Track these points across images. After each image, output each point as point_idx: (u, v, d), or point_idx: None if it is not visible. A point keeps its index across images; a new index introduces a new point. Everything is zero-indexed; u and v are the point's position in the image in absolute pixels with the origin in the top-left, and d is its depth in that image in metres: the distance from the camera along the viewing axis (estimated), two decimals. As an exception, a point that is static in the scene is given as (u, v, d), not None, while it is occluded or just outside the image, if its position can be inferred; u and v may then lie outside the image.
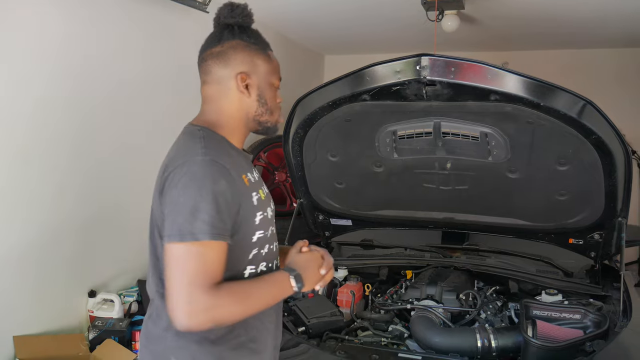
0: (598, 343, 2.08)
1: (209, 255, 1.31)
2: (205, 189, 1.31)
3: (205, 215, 1.30)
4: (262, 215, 1.46)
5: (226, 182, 1.35)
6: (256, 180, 1.51)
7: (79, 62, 2.85)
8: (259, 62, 1.49)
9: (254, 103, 1.49)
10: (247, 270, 1.45)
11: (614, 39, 4.88)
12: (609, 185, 2.41)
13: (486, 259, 2.93)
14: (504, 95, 2.17)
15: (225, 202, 1.33)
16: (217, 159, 1.37)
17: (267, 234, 1.49)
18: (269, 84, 1.52)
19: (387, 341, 2.36)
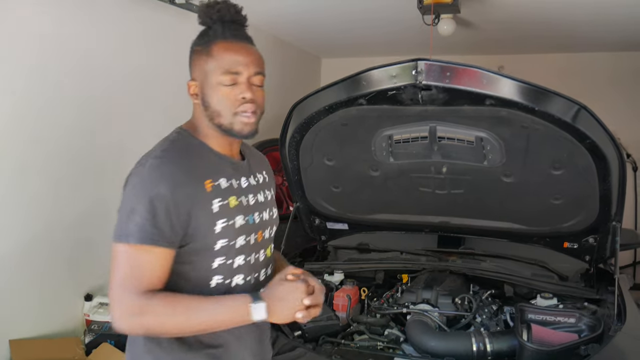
0: (592, 347, 2.09)
1: (140, 259, 1.31)
2: (143, 192, 1.31)
3: (138, 218, 1.30)
4: (226, 223, 1.40)
5: (168, 186, 1.31)
6: (229, 188, 1.44)
7: (77, 65, 2.86)
8: (201, 64, 1.43)
9: (203, 107, 1.44)
10: (213, 280, 1.41)
11: (609, 43, 4.91)
12: (603, 189, 2.42)
13: (481, 263, 2.93)
14: (499, 100, 2.18)
15: (163, 206, 1.30)
16: (168, 162, 1.36)
17: (234, 243, 1.42)
18: (215, 84, 1.40)
19: (383, 345, 2.37)
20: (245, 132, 1.43)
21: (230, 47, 1.41)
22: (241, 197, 1.46)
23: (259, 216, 1.51)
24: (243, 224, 1.44)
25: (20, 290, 2.69)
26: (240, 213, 1.43)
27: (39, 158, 2.70)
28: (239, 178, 1.49)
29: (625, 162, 2.34)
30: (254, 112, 1.42)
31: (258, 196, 1.53)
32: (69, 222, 2.90)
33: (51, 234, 2.81)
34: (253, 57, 1.43)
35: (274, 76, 4.99)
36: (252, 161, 1.60)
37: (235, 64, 1.39)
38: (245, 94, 1.40)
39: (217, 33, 1.42)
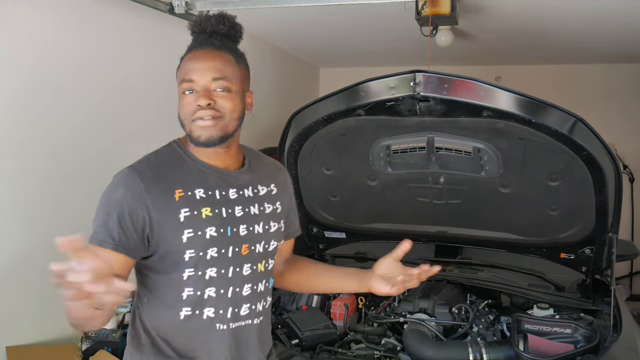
0: (588, 357, 2.11)
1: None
2: (104, 196, 1.38)
3: (96, 220, 1.36)
4: (193, 234, 1.37)
5: (126, 191, 1.35)
6: (206, 198, 1.41)
7: (77, 70, 2.86)
8: (177, 77, 1.45)
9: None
10: (185, 292, 1.41)
11: (606, 54, 4.95)
12: (600, 200, 2.43)
13: (478, 273, 2.95)
14: (496, 112, 2.21)
15: (117, 211, 1.33)
16: (134, 171, 1.39)
17: (204, 255, 1.39)
18: (180, 95, 1.41)
19: (380, 354, 2.38)
20: (203, 138, 1.39)
21: (192, 56, 1.42)
22: (220, 208, 1.43)
23: (245, 229, 1.47)
24: (215, 235, 1.40)
25: (17, 297, 2.69)
26: (213, 224, 1.40)
27: (37, 160, 2.71)
28: (226, 189, 1.46)
29: (621, 173, 2.37)
30: (214, 117, 1.38)
31: (251, 208, 1.49)
32: (67, 227, 2.87)
33: (48, 239, 2.80)
34: (212, 63, 1.39)
35: (272, 85, 5.03)
36: (258, 171, 1.57)
37: (190, 71, 1.39)
38: (199, 100, 1.37)
39: (191, 45, 1.45)
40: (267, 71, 4.78)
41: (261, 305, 1.54)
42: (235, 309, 1.46)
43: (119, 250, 1.34)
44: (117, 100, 3.16)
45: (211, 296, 1.42)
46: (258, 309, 1.53)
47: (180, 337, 1.43)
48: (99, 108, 3.04)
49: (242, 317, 1.48)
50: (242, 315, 1.48)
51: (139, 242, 1.36)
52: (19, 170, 2.62)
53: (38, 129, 2.69)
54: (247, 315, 1.49)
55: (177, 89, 1.44)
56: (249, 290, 1.49)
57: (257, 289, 1.51)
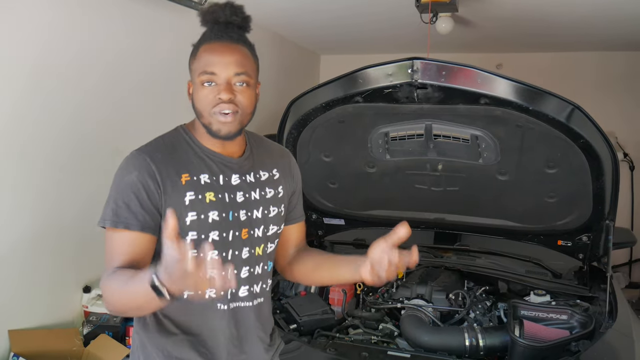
0: (583, 343, 2.13)
1: (115, 241, 1.39)
2: (118, 179, 1.42)
3: (113, 203, 1.40)
4: (196, 217, 1.42)
5: (139, 173, 1.39)
6: (210, 184, 1.45)
7: (68, 60, 2.86)
8: (190, 65, 1.48)
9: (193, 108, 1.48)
10: None
11: (606, 42, 4.93)
12: (597, 188, 2.44)
13: (476, 260, 2.97)
14: (493, 99, 2.21)
15: (135, 192, 1.38)
16: (144, 154, 1.43)
17: (205, 237, 1.43)
18: (197, 84, 1.43)
19: (377, 339, 2.40)
20: (223, 132, 1.43)
21: (211, 48, 1.42)
22: (224, 194, 1.47)
23: (245, 214, 1.51)
24: (217, 219, 1.45)
25: (20, 282, 2.72)
26: (216, 209, 1.45)
27: (39, 153, 2.73)
28: (229, 175, 1.51)
29: (618, 161, 2.36)
30: (234, 112, 1.41)
31: (252, 193, 1.53)
32: (68, 215, 2.93)
33: (50, 226, 2.84)
34: (234, 57, 1.42)
35: (272, 72, 5.02)
36: (260, 157, 1.61)
37: (212, 64, 1.41)
38: (221, 94, 1.40)
39: (206, 36, 1.45)
40: (267, 58, 4.74)
41: (259, 287, 1.58)
42: (233, 289, 1.50)
43: (146, 230, 1.39)
44: (117, 90, 3.17)
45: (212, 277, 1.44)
46: (256, 291, 1.57)
47: (183, 316, 1.48)
48: (99, 98, 3.05)
49: (241, 299, 1.53)
50: (240, 297, 1.53)
51: (159, 218, 1.41)
52: (21, 163, 2.64)
53: (40, 122, 2.71)
54: (245, 297, 1.54)
55: (191, 75, 1.47)
56: (247, 273, 1.53)
57: (255, 271, 1.55)
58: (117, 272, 1.35)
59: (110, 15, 3.09)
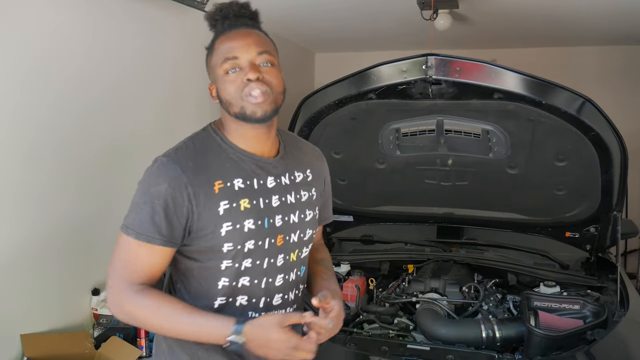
0: (598, 332, 2.16)
1: (136, 253, 1.35)
2: (145, 189, 1.35)
3: (137, 213, 1.34)
4: (232, 227, 1.36)
5: (169, 186, 1.32)
6: (244, 189, 1.40)
7: (73, 61, 2.85)
8: (209, 63, 1.43)
9: (221, 105, 1.43)
10: (220, 281, 1.41)
11: (602, 36, 5.00)
12: (605, 180, 2.49)
13: (485, 253, 3.00)
14: (507, 94, 2.24)
15: (163, 205, 1.32)
16: (175, 161, 1.36)
17: (242, 247, 1.38)
18: (221, 76, 1.38)
19: (394, 333, 2.42)
20: (259, 114, 1.36)
21: (227, 37, 1.39)
22: (258, 199, 1.41)
23: (281, 219, 1.46)
24: (253, 228, 1.39)
25: (30, 286, 2.70)
26: (251, 217, 1.39)
27: (49, 154, 2.71)
28: (264, 177, 1.44)
29: (627, 153, 2.41)
30: (264, 92, 1.35)
31: (287, 197, 1.48)
32: (77, 218, 2.91)
33: (59, 229, 2.82)
34: (251, 38, 1.38)
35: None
36: (294, 157, 1.55)
37: (232, 49, 1.36)
38: (248, 75, 1.34)
39: (219, 30, 1.42)
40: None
41: (293, 294, 1.54)
42: (267, 298, 1.47)
43: (168, 245, 1.35)
44: (124, 91, 3.16)
45: (245, 285, 1.43)
46: (290, 298, 1.53)
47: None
48: (105, 99, 3.03)
49: (275, 307, 1.48)
50: (274, 305, 1.48)
51: (183, 233, 1.37)
52: (29, 164, 2.62)
53: (47, 123, 2.69)
54: (279, 305, 1.50)
55: (212, 73, 1.43)
56: (282, 281, 1.49)
57: (289, 278, 1.51)
58: (161, 297, 1.36)
59: (116, 17, 3.08)
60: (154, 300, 1.34)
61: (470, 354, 2.16)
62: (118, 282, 1.36)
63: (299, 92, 2.78)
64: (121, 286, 1.35)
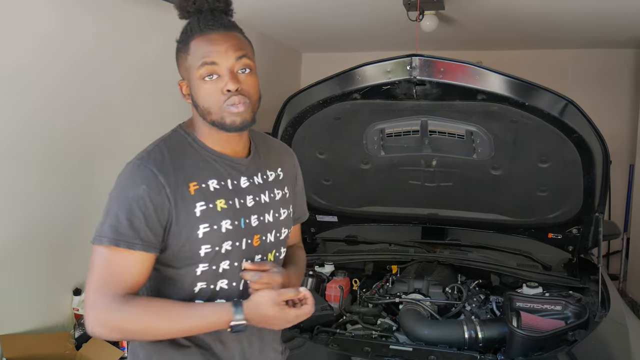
0: (580, 332, 2.17)
1: (116, 262, 1.27)
2: (121, 193, 1.29)
3: (114, 219, 1.27)
4: (209, 228, 1.33)
5: (148, 187, 1.28)
6: (220, 190, 1.37)
7: (60, 61, 2.83)
8: (183, 63, 1.36)
9: (194, 107, 1.37)
10: (197, 286, 1.37)
11: (583, 39, 5.04)
12: (588, 181, 2.51)
13: (468, 254, 3.01)
14: (490, 95, 2.25)
15: (142, 208, 1.27)
16: (149, 163, 1.31)
17: (219, 249, 1.35)
18: (197, 81, 1.32)
19: (377, 334, 2.42)
20: (238, 123, 1.32)
21: (205, 38, 1.32)
22: (234, 199, 1.39)
23: (257, 219, 1.43)
24: (230, 228, 1.36)
25: (10, 286, 2.67)
26: (228, 217, 1.36)
27: (29, 156, 2.68)
28: (237, 178, 1.41)
29: (609, 155, 2.43)
30: (244, 102, 1.32)
31: (262, 196, 1.45)
32: (57, 217, 2.88)
33: (38, 229, 2.79)
34: (230, 42, 1.32)
35: (255, 70, 4.99)
36: (265, 156, 1.52)
37: (210, 53, 1.30)
38: (228, 85, 1.30)
39: (194, 27, 1.34)
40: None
41: None
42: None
43: (149, 250, 1.29)
44: (104, 87, 3.13)
45: (223, 288, 1.39)
46: None
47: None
48: (88, 98, 3.01)
49: None
50: None
51: (163, 237, 1.32)
52: (10, 165, 2.60)
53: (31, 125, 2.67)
54: None
55: (185, 73, 1.37)
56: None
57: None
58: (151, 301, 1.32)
59: (98, 14, 3.06)
60: (143, 306, 1.27)
61: (452, 354, 2.17)
62: (99, 299, 1.26)
63: (285, 92, 2.77)
64: (104, 302, 1.25)
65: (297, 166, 1.67)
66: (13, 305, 2.69)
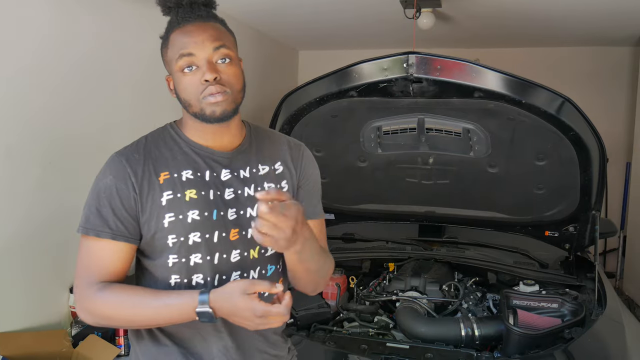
0: (576, 330, 2.18)
1: (90, 250, 1.34)
2: (94, 184, 1.36)
3: (87, 209, 1.34)
4: (174, 217, 1.32)
5: (114, 177, 1.33)
6: (193, 180, 1.36)
7: (56, 59, 2.81)
8: (165, 57, 1.39)
9: (178, 100, 1.39)
10: (172, 279, 1.36)
11: (579, 37, 5.04)
12: (584, 179, 2.51)
13: (465, 252, 3.01)
14: (487, 93, 2.25)
15: (109, 197, 1.32)
16: (122, 156, 1.37)
17: (185, 240, 1.33)
18: (177, 73, 1.34)
19: (374, 332, 2.42)
20: (218, 113, 1.32)
21: (182, 31, 1.33)
22: (208, 191, 1.37)
23: (235, 212, 1.39)
24: (198, 219, 1.34)
25: (5, 284, 2.65)
26: (196, 208, 1.34)
27: (26, 154, 2.67)
28: (218, 170, 1.39)
29: (605, 153, 2.43)
30: (223, 92, 1.31)
31: (245, 189, 1.41)
32: (52, 215, 2.87)
33: (34, 226, 2.78)
34: (207, 33, 1.32)
35: (249, 68, 4.95)
36: (261, 150, 1.49)
37: (187, 45, 1.31)
38: (205, 75, 1.29)
39: (173, 21, 1.36)
40: (244, 54, 4.69)
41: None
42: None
43: (118, 238, 1.32)
44: (103, 87, 3.12)
45: (199, 283, 1.36)
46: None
47: (175, 326, 1.38)
48: (84, 94, 3.00)
49: None
50: None
51: (137, 226, 1.35)
52: (6, 163, 2.58)
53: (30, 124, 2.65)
54: None
55: (168, 67, 1.38)
56: (238, 278, 1.39)
57: (249, 276, 1.41)
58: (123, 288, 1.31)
59: (99, 14, 3.04)
60: (116, 293, 1.30)
61: (449, 352, 2.18)
62: (79, 284, 1.34)
63: (282, 90, 2.76)
64: (82, 287, 1.33)
65: (309, 162, 1.60)
66: (9, 303, 2.68)
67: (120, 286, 1.33)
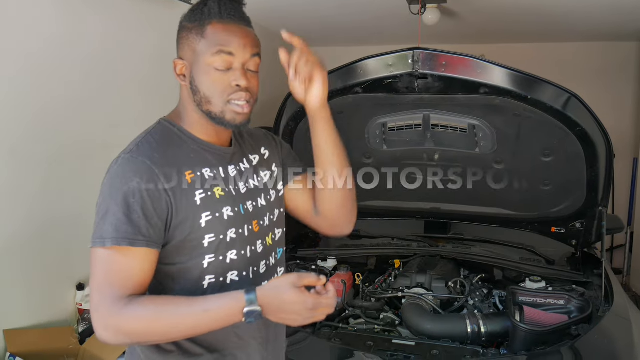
0: (583, 327, 2.17)
1: (118, 263, 1.22)
2: (115, 190, 1.24)
3: (112, 217, 1.21)
4: (212, 216, 1.30)
5: (141, 180, 1.23)
6: (214, 178, 1.35)
7: (59, 57, 2.82)
8: (191, 44, 1.32)
9: (190, 91, 1.34)
10: (205, 280, 1.32)
11: (585, 33, 5.01)
12: (591, 175, 2.50)
13: (471, 248, 3.00)
14: (493, 89, 2.24)
15: (139, 202, 1.22)
16: (140, 155, 1.27)
17: (224, 237, 1.32)
18: (206, 67, 1.30)
19: (380, 328, 2.42)
20: (238, 121, 1.32)
21: (226, 27, 1.30)
22: (229, 187, 1.37)
23: (252, 204, 1.41)
24: (232, 215, 1.34)
25: (13, 281, 2.67)
26: (228, 204, 1.34)
27: (29, 150, 2.68)
28: (225, 166, 1.39)
29: (612, 148, 2.42)
30: (248, 101, 1.31)
31: (250, 182, 1.44)
32: (60, 212, 2.88)
33: (41, 224, 2.79)
34: (249, 39, 1.33)
35: (260, 64, 4.98)
36: (246, 142, 1.51)
37: (230, 43, 1.29)
38: (239, 80, 1.29)
39: (213, 12, 1.31)
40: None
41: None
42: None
43: (152, 245, 1.24)
44: (108, 86, 3.13)
45: (234, 280, 1.35)
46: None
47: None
48: (89, 94, 3.00)
49: None
50: None
51: (164, 232, 1.27)
52: (13, 161, 2.59)
53: (34, 121, 2.66)
54: None
55: (194, 55, 1.32)
56: (265, 267, 1.44)
57: (269, 263, 1.46)
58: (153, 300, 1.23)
59: (104, 14, 3.05)
60: (147, 306, 1.21)
61: (455, 349, 2.17)
62: (103, 303, 1.20)
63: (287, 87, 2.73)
64: (106, 304, 1.19)
65: (279, 140, 1.65)
66: (17, 300, 2.70)
67: (149, 298, 1.25)
